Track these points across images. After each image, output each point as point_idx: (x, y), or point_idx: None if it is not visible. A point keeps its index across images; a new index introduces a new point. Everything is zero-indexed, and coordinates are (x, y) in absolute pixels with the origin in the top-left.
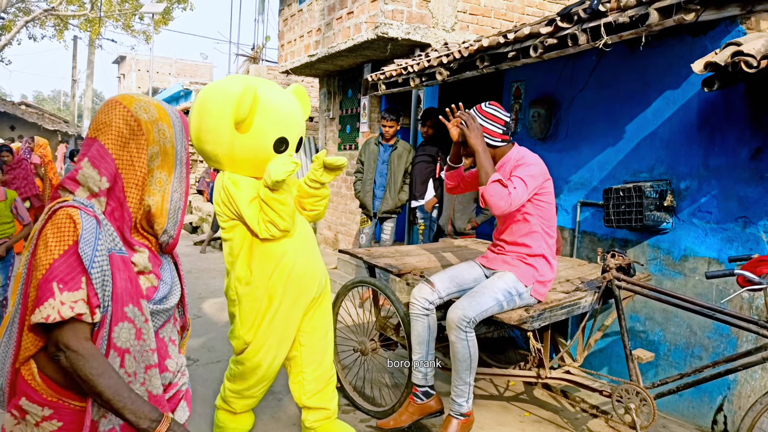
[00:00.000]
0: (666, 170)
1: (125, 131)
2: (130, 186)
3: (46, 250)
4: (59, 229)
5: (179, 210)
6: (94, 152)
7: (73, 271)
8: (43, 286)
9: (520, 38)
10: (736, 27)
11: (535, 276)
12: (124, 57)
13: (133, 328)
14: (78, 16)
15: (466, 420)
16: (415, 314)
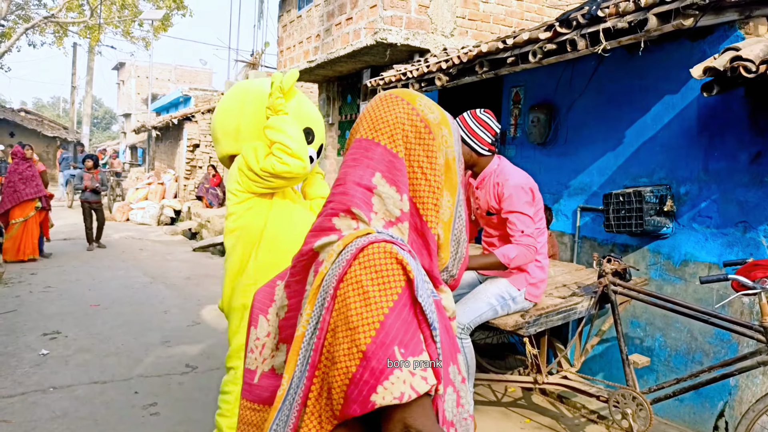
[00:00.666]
0: (666, 175)
1: (411, 135)
2: (424, 207)
3: (367, 304)
4: (382, 274)
5: (463, 242)
6: (384, 161)
7: (409, 327)
8: (378, 353)
9: (519, 44)
10: (735, 32)
11: (527, 279)
12: (124, 63)
13: (453, 392)
14: (77, 23)
15: None
16: None
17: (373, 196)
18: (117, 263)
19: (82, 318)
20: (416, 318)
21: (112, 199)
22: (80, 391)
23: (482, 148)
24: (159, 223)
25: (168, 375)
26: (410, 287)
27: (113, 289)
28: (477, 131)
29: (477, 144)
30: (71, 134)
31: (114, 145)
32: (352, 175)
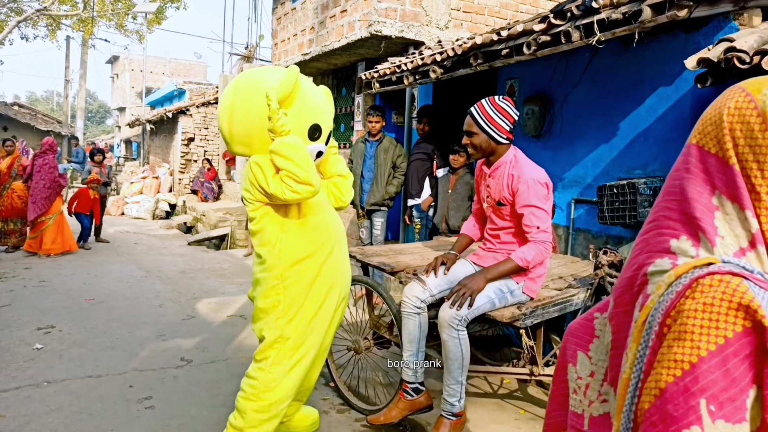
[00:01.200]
0: (660, 167)
1: (741, 135)
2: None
3: (682, 338)
4: (712, 309)
5: None
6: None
7: (734, 384)
8: (676, 398)
9: (513, 35)
10: (729, 23)
11: (526, 272)
12: (118, 57)
13: None
14: (70, 16)
15: (458, 420)
16: (406, 312)
17: (714, 216)
18: (112, 257)
19: (76, 312)
20: (755, 377)
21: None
22: (75, 385)
23: (500, 135)
24: (154, 218)
25: (163, 369)
26: (759, 335)
27: (108, 283)
28: (495, 118)
29: (495, 131)
30: (65, 128)
31: (108, 139)
32: (687, 189)
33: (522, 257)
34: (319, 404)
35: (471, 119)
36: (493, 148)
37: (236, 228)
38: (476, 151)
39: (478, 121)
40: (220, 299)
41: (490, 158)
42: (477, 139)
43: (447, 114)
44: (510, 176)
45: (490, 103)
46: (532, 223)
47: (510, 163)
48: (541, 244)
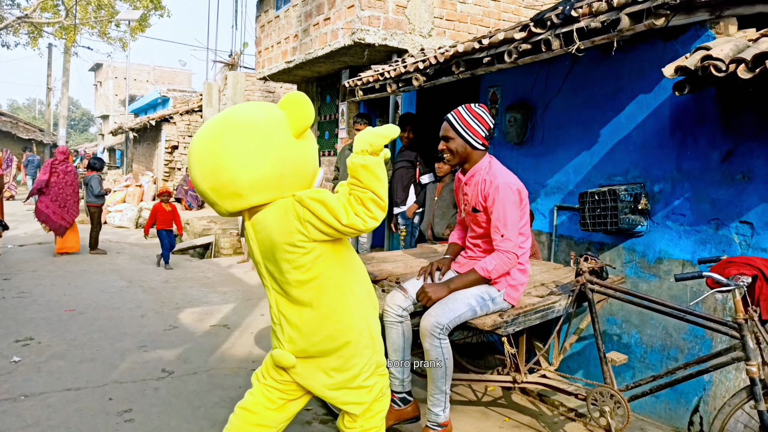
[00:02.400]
0: (640, 174)
1: None
2: None
3: None
4: None
5: None
6: None
7: None
8: None
9: (494, 44)
10: (706, 31)
11: (508, 280)
12: (101, 64)
13: None
14: (52, 23)
15: (444, 431)
16: (389, 322)
17: None
18: (93, 267)
19: (56, 323)
20: None
21: None
22: (53, 399)
23: (476, 141)
24: (137, 226)
25: (143, 380)
26: None
27: (89, 293)
28: (471, 124)
29: (471, 136)
30: (47, 136)
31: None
32: None
33: (484, 267)
34: (302, 414)
35: (448, 124)
36: (468, 154)
37: (221, 236)
38: (452, 156)
39: (455, 126)
40: (204, 309)
41: (465, 165)
42: (453, 144)
43: (430, 121)
44: (483, 182)
45: (467, 109)
46: (498, 230)
47: (484, 170)
48: (504, 253)
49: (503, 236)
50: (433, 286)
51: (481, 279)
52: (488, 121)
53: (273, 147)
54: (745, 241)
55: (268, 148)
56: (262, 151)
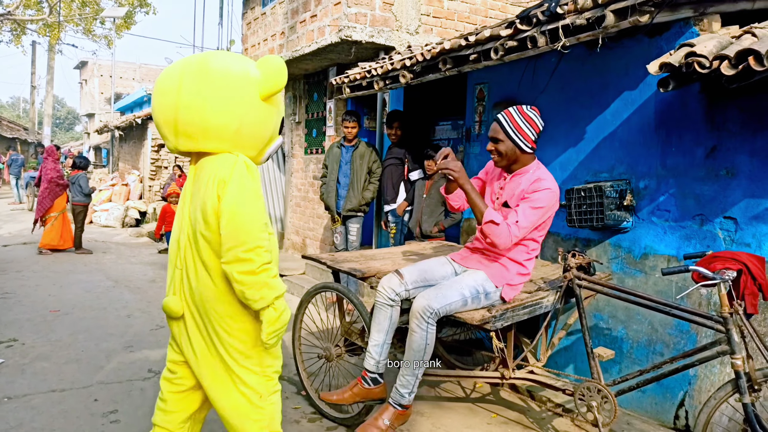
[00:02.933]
0: (625, 170)
1: None
2: None
3: None
4: None
5: None
6: None
7: None
8: None
9: (481, 41)
10: (690, 28)
11: (506, 278)
12: (86, 62)
13: None
14: (36, 20)
15: (403, 412)
16: (380, 302)
17: None
18: (79, 267)
19: (41, 324)
20: None
21: None
22: (37, 401)
23: (526, 144)
24: (123, 225)
25: (129, 381)
26: None
27: (74, 294)
28: (522, 127)
29: (521, 140)
30: (32, 135)
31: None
32: None
33: (492, 219)
34: (290, 413)
35: (498, 126)
36: (517, 157)
37: None
38: (501, 158)
39: (505, 128)
40: None
41: (513, 167)
42: (503, 146)
43: (418, 119)
44: (534, 180)
45: (518, 110)
46: (515, 215)
47: (533, 172)
48: (508, 229)
49: (516, 222)
50: (457, 166)
51: (481, 215)
52: (538, 124)
53: (236, 101)
54: (729, 237)
55: (231, 101)
56: (224, 101)
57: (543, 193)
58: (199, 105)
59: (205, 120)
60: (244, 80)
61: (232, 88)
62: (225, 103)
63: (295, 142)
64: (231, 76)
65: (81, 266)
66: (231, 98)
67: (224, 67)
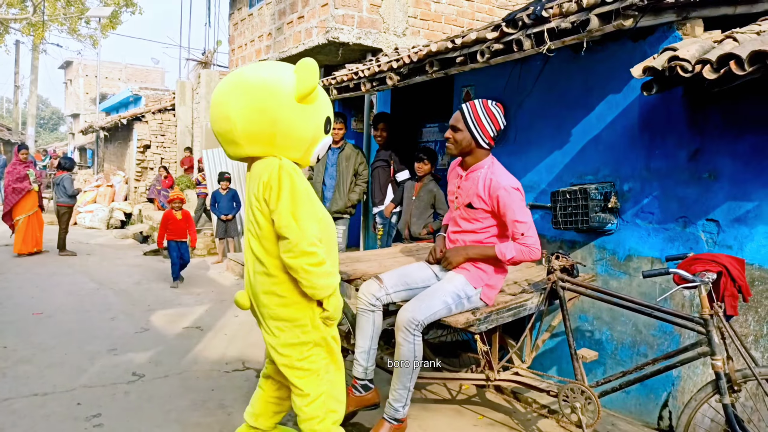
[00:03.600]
0: (610, 172)
1: None
2: None
3: None
4: None
5: None
6: None
7: None
8: None
9: (467, 43)
10: (673, 32)
11: (485, 279)
12: (71, 62)
13: None
14: (19, 19)
15: (399, 426)
16: (361, 309)
17: None
18: (63, 269)
19: (23, 327)
20: None
21: None
22: (18, 405)
23: (483, 139)
24: (108, 227)
25: (113, 384)
26: None
27: (58, 296)
28: (483, 120)
29: (480, 133)
30: (15, 135)
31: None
32: None
33: (502, 251)
34: None
35: (460, 115)
36: (472, 149)
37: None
38: (454, 146)
39: (466, 118)
40: (176, 310)
41: (466, 159)
42: (460, 135)
43: (406, 121)
44: (488, 179)
45: (483, 105)
46: (518, 230)
47: (488, 168)
48: (525, 246)
49: (524, 234)
50: (452, 252)
51: (494, 257)
52: (500, 122)
53: (270, 106)
54: (712, 239)
55: (265, 107)
56: (258, 108)
57: (510, 195)
58: (237, 116)
59: (244, 128)
60: (275, 86)
61: (264, 96)
62: (258, 110)
63: None
64: (261, 84)
65: (65, 268)
66: (263, 105)
67: (256, 77)
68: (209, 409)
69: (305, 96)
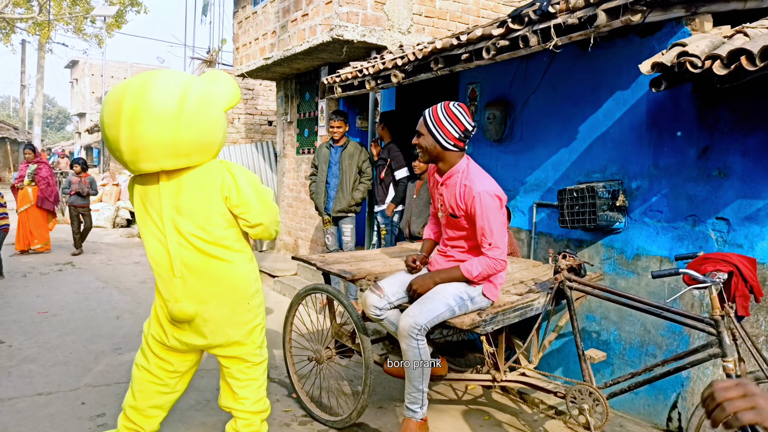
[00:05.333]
0: (618, 170)
1: None
2: None
3: None
4: None
5: None
6: None
7: None
8: None
9: (472, 40)
10: (682, 28)
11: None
12: (77, 61)
13: None
14: (25, 19)
15: (423, 422)
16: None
17: None
18: (68, 268)
19: (28, 326)
20: None
21: (64, 201)
22: (23, 404)
23: (447, 141)
24: (114, 226)
25: (117, 384)
26: None
27: (63, 295)
28: (444, 123)
29: (442, 136)
30: (21, 135)
31: (69, 146)
32: None
33: (468, 269)
34: (281, 416)
35: (422, 120)
36: (439, 153)
37: None
38: (423, 153)
39: (427, 123)
40: None
41: (440, 165)
42: (424, 140)
43: (409, 119)
44: (463, 186)
45: (444, 107)
46: (486, 239)
47: (462, 173)
48: (492, 260)
49: (491, 245)
50: (419, 280)
51: (462, 278)
52: (464, 123)
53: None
54: (722, 238)
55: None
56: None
57: (482, 201)
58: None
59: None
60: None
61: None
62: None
63: (287, 142)
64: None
65: (70, 267)
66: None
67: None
68: (214, 409)
69: (230, 108)
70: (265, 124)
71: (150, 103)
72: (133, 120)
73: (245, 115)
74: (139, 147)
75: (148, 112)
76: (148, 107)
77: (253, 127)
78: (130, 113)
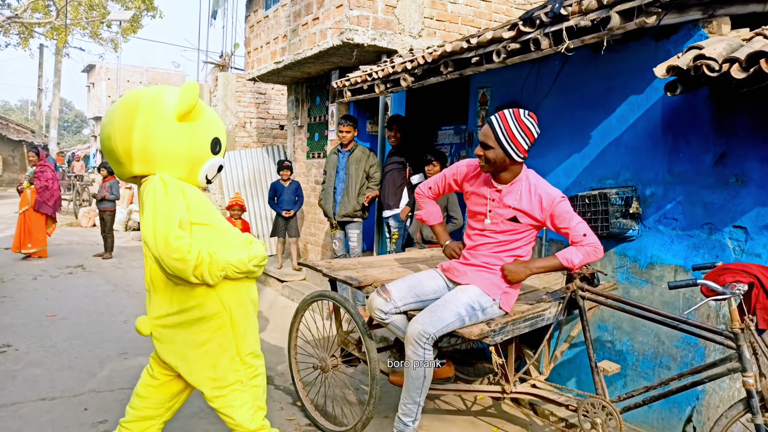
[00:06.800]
0: (631, 176)
1: None
2: None
3: None
4: None
5: None
6: None
7: None
8: None
9: (483, 43)
10: (699, 31)
11: (502, 286)
12: (94, 66)
13: None
14: (43, 24)
15: None
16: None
17: None
18: (78, 271)
19: (36, 330)
20: None
21: (77, 204)
22: (26, 409)
23: (518, 154)
24: (127, 229)
25: (121, 389)
26: None
27: (72, 298)
28: (516, 135)
29: (513, 149)
30: (38, 138)
31: (85, 149)
32: None
33: (568, 258)
34: (285, 425)
35: (490, 130)
36: (507, 165)
37: None
38: (488, 165)
39: (497, 134)
40: None
41: (502, 175)
42: (492, 153)
43: (421, 123)
44: (537, 195)
45: (515, 118)
46: (579, 233)
47: (527, 181)
48: (589, 246)
49: (585, 235)
50: (513, 267)
51: (561, 267)
52: (534, 133)
53: (146, 123)
54: (739, 246)
55: (140, 124)
56: (134, 125)
57: (563, 204)
58: (116, 132)
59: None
60: (152, 104)
61: (142, 115)
62: (133, 126)
63: (297, 147)
64: (138, 102)
65: (81, 270)
66: (139, 123)
67: (136, 95)
68: (217, 417)
69: (184, 114)
70: (277, 128)
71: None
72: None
73: (257, 119)
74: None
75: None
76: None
77: (264, 131)
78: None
